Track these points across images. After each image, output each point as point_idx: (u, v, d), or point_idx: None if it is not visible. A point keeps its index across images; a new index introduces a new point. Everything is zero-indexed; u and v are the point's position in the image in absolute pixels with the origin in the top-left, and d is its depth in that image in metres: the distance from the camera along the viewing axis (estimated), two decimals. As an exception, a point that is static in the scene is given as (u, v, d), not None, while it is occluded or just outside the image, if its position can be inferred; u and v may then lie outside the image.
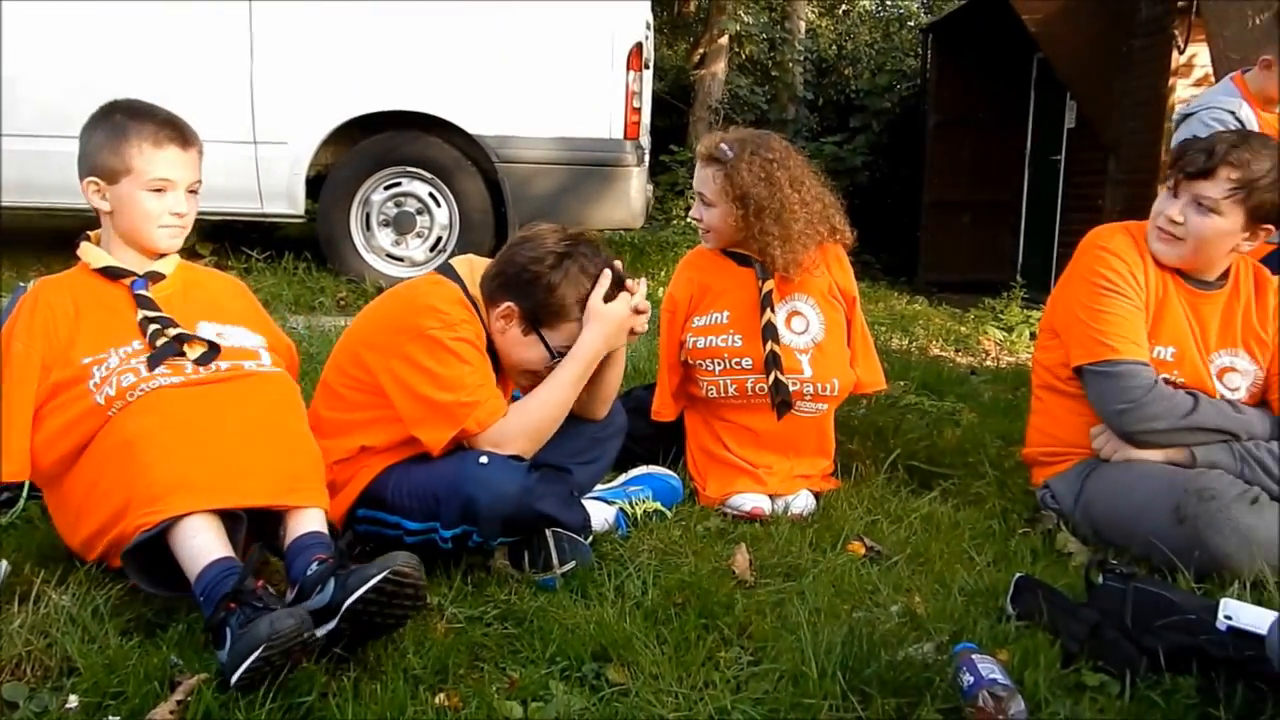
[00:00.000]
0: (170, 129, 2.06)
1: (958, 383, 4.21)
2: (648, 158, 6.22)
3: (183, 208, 2.09)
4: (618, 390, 2.41)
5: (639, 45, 5.63)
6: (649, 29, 6.16)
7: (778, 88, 13.07)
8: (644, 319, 2.32)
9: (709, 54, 12.44)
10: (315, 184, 5.72)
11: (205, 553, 1.72)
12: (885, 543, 2.39)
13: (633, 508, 2.45)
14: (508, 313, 2.20)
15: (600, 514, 2.37)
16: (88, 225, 2.18)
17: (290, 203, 5.64)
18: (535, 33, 5.60)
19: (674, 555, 2.26)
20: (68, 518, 1.99)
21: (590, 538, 2.23)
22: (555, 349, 2.21)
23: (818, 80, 13.70)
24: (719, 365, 2.65)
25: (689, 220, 2.63)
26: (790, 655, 1.76)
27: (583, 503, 2.29)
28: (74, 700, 1.56)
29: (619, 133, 5.61)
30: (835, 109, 13.22)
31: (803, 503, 2.63)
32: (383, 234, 5.73)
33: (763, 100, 12.82)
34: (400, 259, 5.74)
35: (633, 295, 2.28)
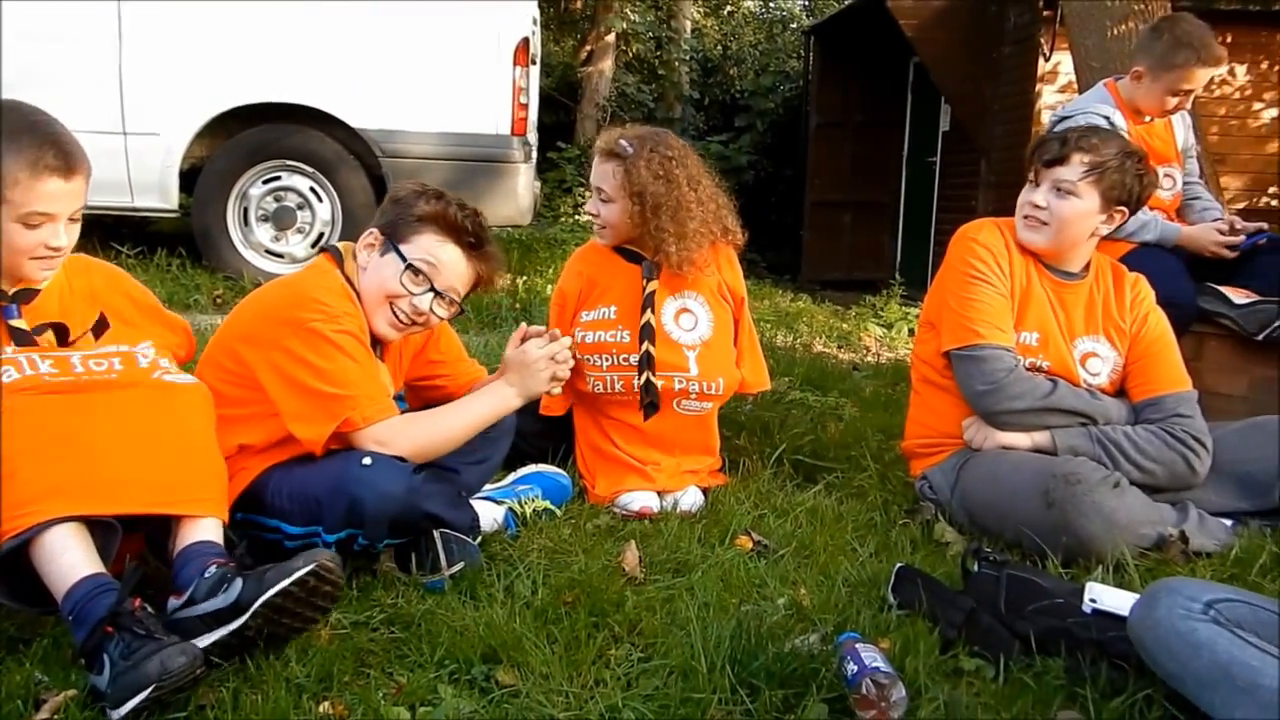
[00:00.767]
0: (53, 154, 1.79)
1: (840, 378, 4.32)
2: (535, 154, 6.19)
3: (61, 241, 1.85)
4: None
5: (525, 41, 5.59)
6: (536, 25, 6.13)
7: (664, 86, 13.18)
8: (566, 367, 2.40)
9: (596, 51, 12.45)
10: (190, 177, 5.52)
11: (74, 568, 1.62)
12: (772, 537, 2.43)
13: (522, 507, 2.43)
14: (370, 241, 2.22)
15: (489, 514, 2.35)
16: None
17: (163, 196, 5.43)
18: (421, 26, 5.51)
19: (564, 554, 2.25)
20: None
21: (479, 538, 2.21)
22: (411, 260, 2.18)
23: (703, 80, 13.86)
24: (607, 360, 2.66)
25: (584, 216, 2.63)
26: (680, 650, 1.77)
27: (471, 503, 2.27)
28: (-71, 722, 1.48)
29: (505, 128, 5.57)
30: (721, 108, 13.41)
31: (691, 499, 2.65)
32: (261, 229, 5.57)
33: (650, 98, 12.90)
34: (280, 255, 5.58)
35: (555, 343, 2.35)
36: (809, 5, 15.70)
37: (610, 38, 12.42)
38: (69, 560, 1.63)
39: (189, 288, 5.28)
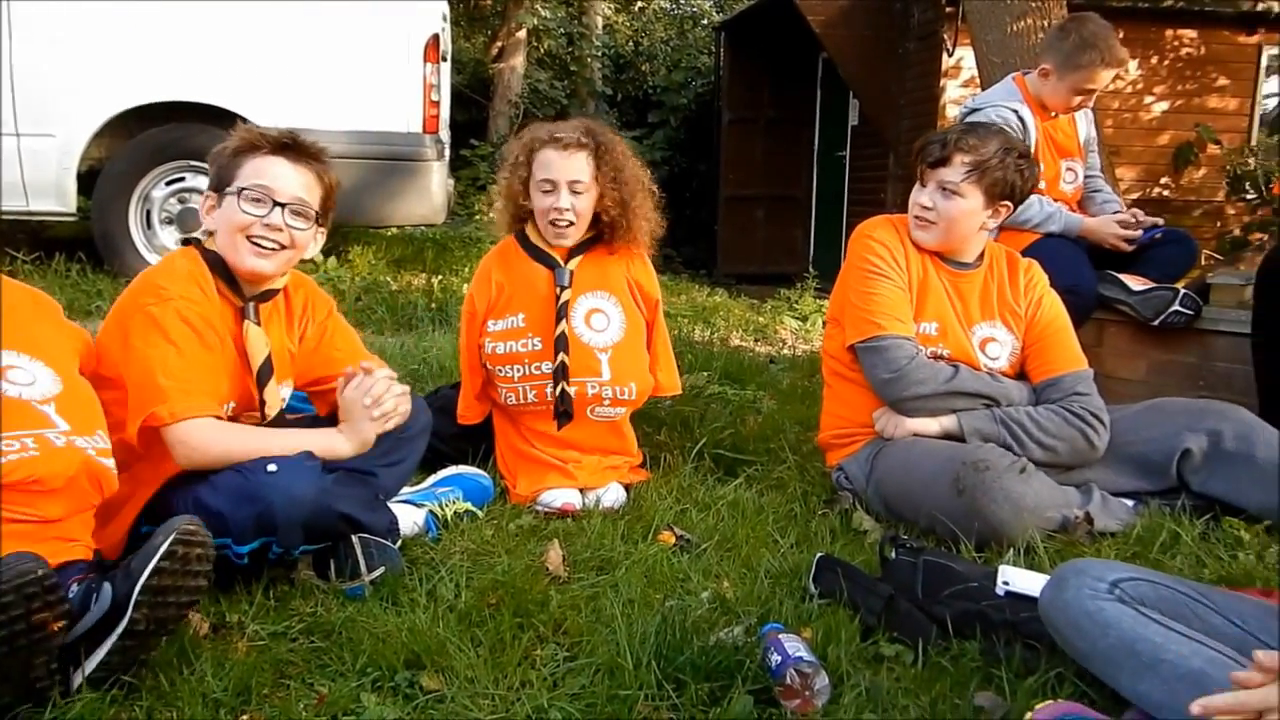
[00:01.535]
0: None
1: (758, 371, 4.36)
2: (448, 152, 6.12)
3: None
4: None
5: (436, 37, 5.52)
6: (446, 21, 6.06)
7: (577, 83, 13.15)
8: (386, 408, 2.16)
9: (507, 48, 12.36)
10: (89, 179, 5.33)
11: None
12: (694, 531, 2.45)
13: (443, 509, 2.41)
14: (209, 205, 2.19)
15: (409, 517, 2.32)
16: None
17: (59, 199, 5.23)
18: (330, 23, 5.41)
19: (487, 555, 2.24)
20: None
21: (399, 542, 2.18)
22: (240, 188, 2.12)
23: (616, 76, 13.86)
24: (518, 371, 2.64)
25: (551, 217, 2.60)
26: (605, 648, 1.78)
27: (389, 506, 2.23)
28: None
29: (417, 126, 5.50)
30: (634, 105, 13.41)
31: (613, 496, 2.65)
32: (165, 232, 5.41)
33: (562, 95, 12.85)
34: (186, 258, 5.41)
35: (368, 381, 2.15)
36: (718, 2, 15.79)
37: (521, 34, 12.34)
38: None
39: (90, 294, 5.09)
